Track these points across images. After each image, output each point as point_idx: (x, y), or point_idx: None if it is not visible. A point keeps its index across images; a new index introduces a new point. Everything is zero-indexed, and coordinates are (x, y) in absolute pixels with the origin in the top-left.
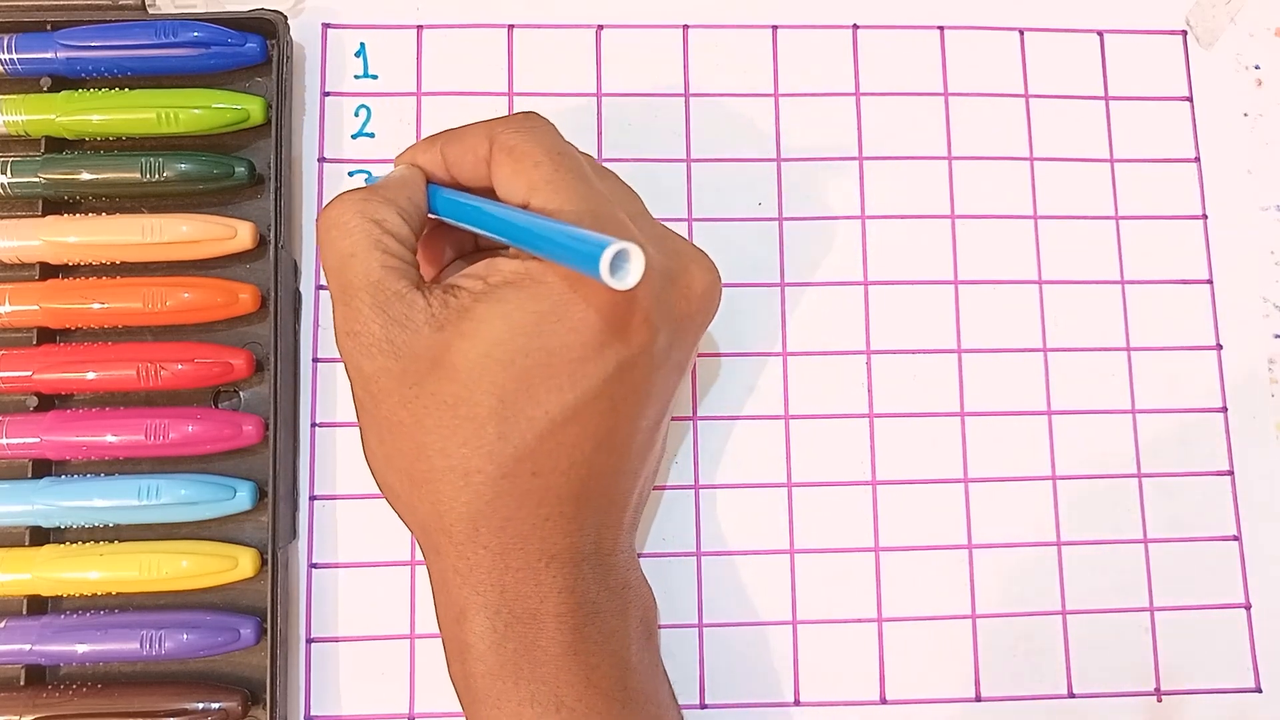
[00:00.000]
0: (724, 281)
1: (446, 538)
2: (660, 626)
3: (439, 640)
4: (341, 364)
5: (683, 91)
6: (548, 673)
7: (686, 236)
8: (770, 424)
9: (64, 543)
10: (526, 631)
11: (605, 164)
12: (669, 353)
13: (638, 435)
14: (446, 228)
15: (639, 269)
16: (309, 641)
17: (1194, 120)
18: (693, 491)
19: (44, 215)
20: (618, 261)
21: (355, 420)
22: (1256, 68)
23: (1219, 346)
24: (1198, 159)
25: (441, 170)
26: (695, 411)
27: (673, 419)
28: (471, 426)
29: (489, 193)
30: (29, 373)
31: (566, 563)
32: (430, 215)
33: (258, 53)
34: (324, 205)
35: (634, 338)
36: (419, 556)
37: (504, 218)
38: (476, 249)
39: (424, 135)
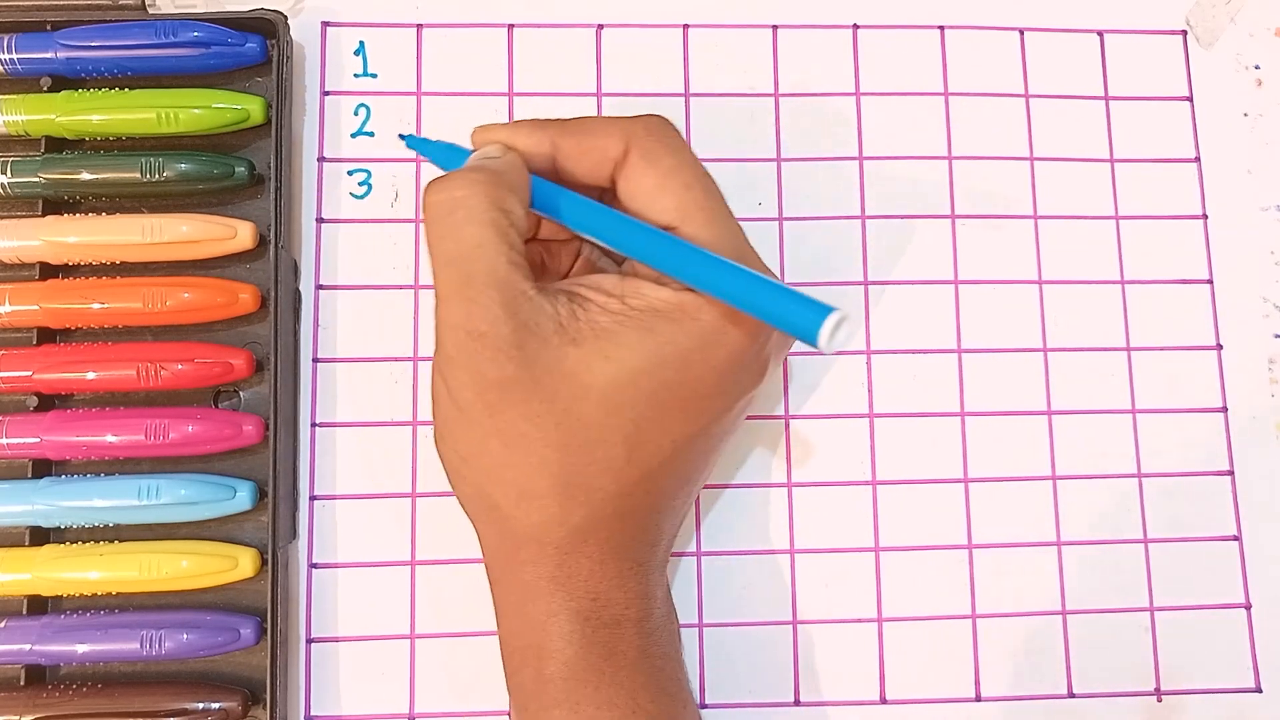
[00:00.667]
0: None
1: (552, 548)
2: None
3: (439, 640)
4: (341, 364)
5: (683, 91)
6: (625, 676)
7: None
8: (770, 424)
9: (64, 543)
10: (610, 636)
11: None
12: (769, 382)
13: (721, 451)
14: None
15: (847, 335)
16: (309, 641)
17: (1194, 120)
18: None
19: (44, 215)
20: (834, 325)
21: (430, 420)
22: (1256, 68)
23: (1219, 346)
24: (1198, 159)
25: (544, 160)
26: None
27: None
28: (602, 449)
29: (599, 195)
30: (29, 373)
31: (650, 569)
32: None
33: (258, 52)
34: (438, 182)
35: (757, 374)
36: (419, 556)
37: (686, 251)
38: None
39: (423, 134)
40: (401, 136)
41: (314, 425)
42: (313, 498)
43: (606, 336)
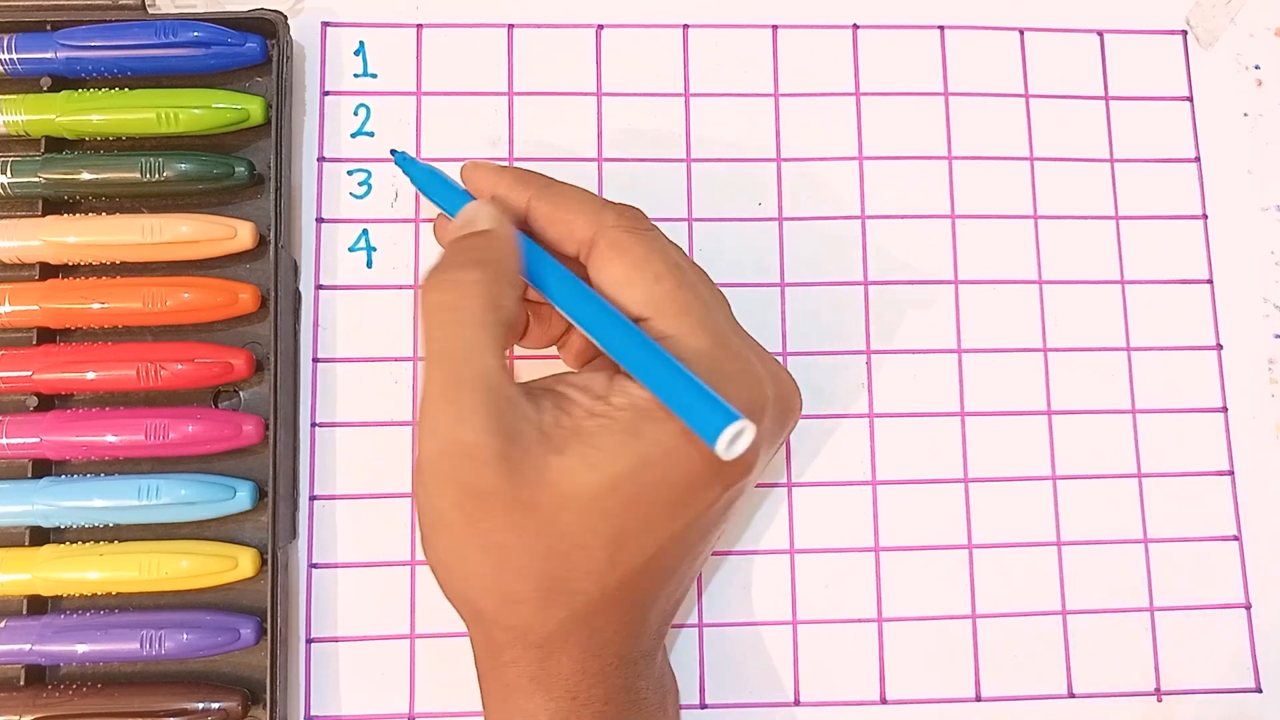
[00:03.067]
0: (723, 281)
1: (534, 649)
2: None
3: (440, 640)
4: (341, 364)
5: (683, 91)
6: None
7: (687, 240)
8: None
9: (64, 543)
10: None
11: (605, 163)
12: (762, 471)
13: (714, 541)
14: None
15: (744, 446)
16: (309, 641)
17: (1194, 120)
18: None
19: (44, 215)
20: (733, 435)
21: (418, 521)
22: (1256, 68)
23: (1219, 346)
24: (1198, 159)
25: (519, 215)
26: None
27: None
28: (584, 555)
29: (572, 264)
30: (29, 373)
31: (634, 663)
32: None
33: (258, 52)
34: (434, 280)
35: (744, 466)
36: (419, 556)
37: (623, 339)
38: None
39: (423, 138)
40: (393, 152)
41: (314, 425)
42: (313, 498)
43: (590, 442)
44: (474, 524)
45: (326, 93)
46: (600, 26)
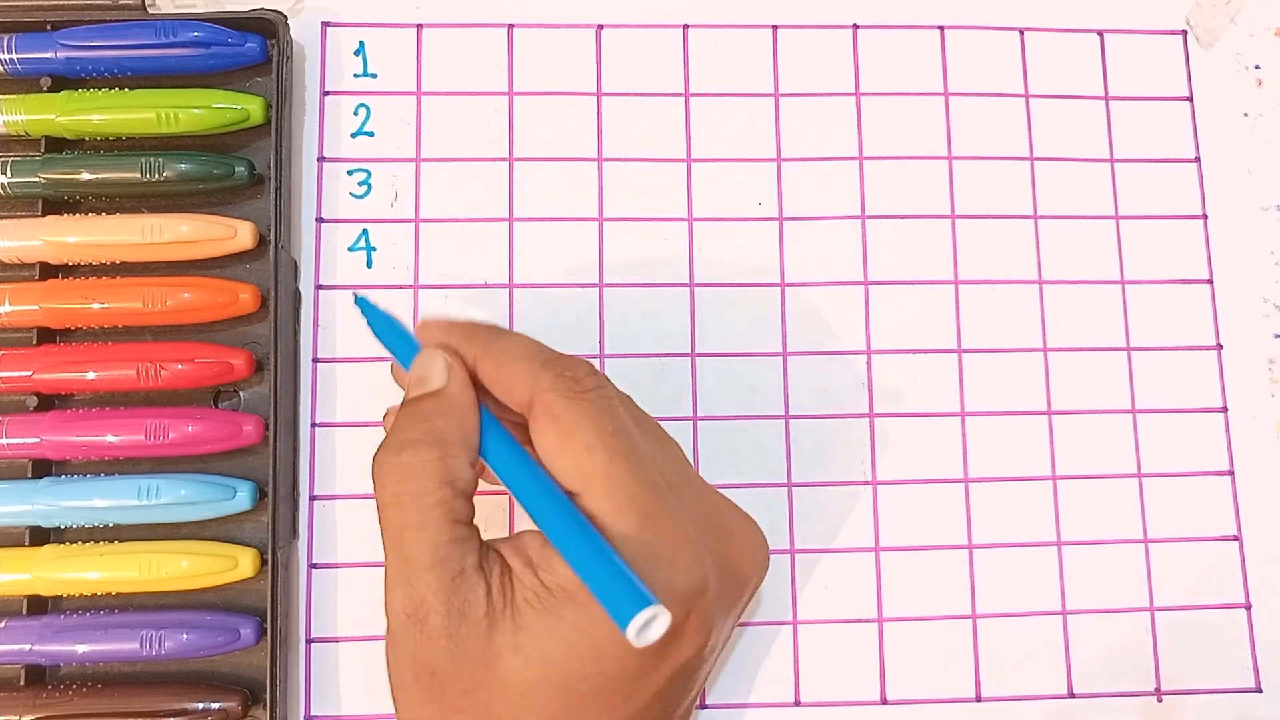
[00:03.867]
0: (723, 281)
1: None
2: None
3: None
4: (341, 364)
5: (683, 91)
6: None
7: (687, 241)
8: (770, 424)
9: (64, 543)
10: None
11: (605, 163)
12: (720, 642)
13: (693, 697)
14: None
15: (658, 632)
16: (309, 641)
17: (1194, 120)
18: None
19: (44, 215)
20: (645, 621)
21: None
22: (1256, 68)
23: (1219, 346)
24: (1198, 159)
25: (470, 368)
26: (695, 411)
27: (673, 419)
28: None
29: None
30: (29, 373)
31: None
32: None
33: (258, 52)
34: (390, 464)
35: (690, 644)
36: None
37: (549, 516)
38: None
39: (423, 138)
40: (355, 299)
41: (314, 425)
42: (313, 498)
43: (518, 623)
44: (431, 699)
45: (326, 93)
46: (600, 26)
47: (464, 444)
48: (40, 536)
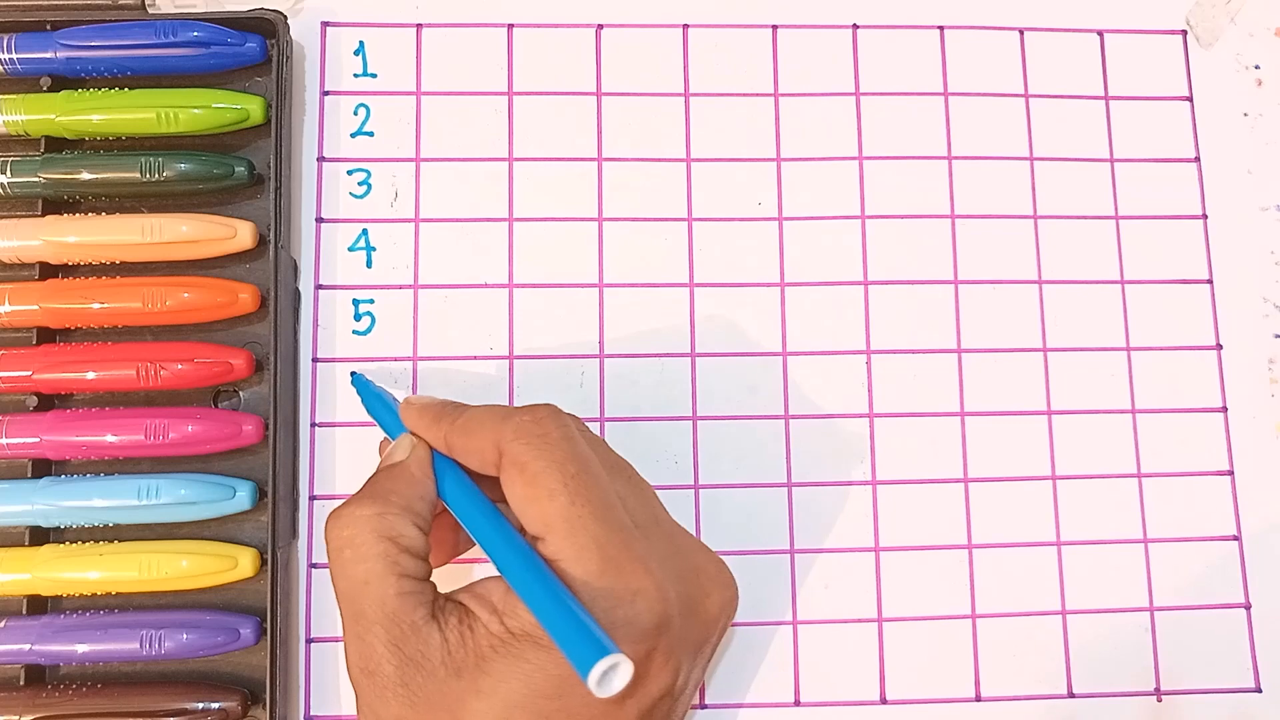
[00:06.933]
0: (723, 281)
1: None
2: None
3: None
4: (339, 363)
5: (683, 91)
6: None
7: (687, 241)
8: (770, 424)
9: (64, 543)
10: None
11: (605, 163)
12: (688, 682)
13: None
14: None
15: (621, 682)
16: (309, 641)
17: (1194, 120)
18: (693, 491)
19: (44, 215)
20: (608, 670)
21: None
22: (1256, 68)
23: (1219, 346)
24: (1198, 159)
25: (446, 448)
26: (695, 411)
27: (673, 419)
28: None
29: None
30: (29, 373)
31: None
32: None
33: (257, 52)
34: (333, 518)
35: (656, 683)
36: None
37: (512, 567)
38: None
39: (423, 138)
40: (352, 375)
41: (314, 425)
42: (313, 498)
43: (481, 667)
44: None
45: (326, 92)
46: (600, 26)
47: (407, 506)
48: (40, 536)
